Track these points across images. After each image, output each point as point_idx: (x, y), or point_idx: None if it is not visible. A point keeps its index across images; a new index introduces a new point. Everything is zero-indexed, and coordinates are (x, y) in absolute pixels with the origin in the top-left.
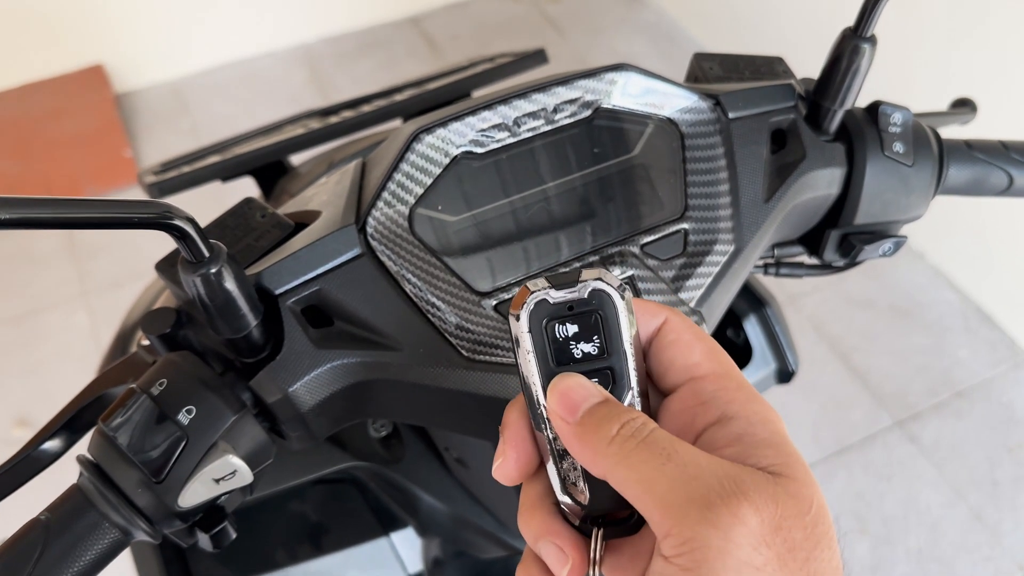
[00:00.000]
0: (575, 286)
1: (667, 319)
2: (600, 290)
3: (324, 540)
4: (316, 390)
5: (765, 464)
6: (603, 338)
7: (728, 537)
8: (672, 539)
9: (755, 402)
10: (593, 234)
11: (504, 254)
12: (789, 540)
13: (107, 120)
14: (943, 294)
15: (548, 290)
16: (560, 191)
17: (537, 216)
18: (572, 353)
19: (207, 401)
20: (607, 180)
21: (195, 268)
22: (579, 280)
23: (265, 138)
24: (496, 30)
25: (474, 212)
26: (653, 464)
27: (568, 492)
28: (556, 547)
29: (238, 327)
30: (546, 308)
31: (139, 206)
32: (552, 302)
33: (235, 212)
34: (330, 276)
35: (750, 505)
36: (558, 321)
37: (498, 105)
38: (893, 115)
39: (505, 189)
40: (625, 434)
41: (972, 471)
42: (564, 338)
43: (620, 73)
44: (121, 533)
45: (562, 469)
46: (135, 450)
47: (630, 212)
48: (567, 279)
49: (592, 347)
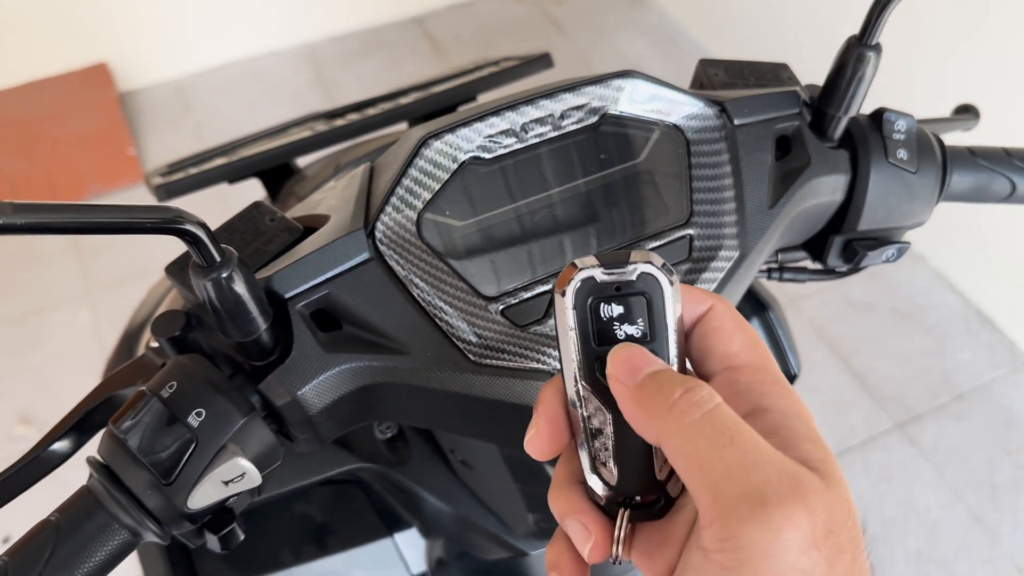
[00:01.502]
0: (624, 267)
1: (712, 306)
2: (649, 274)
3: (329, 540)
4: (324, 393)
5: (807, 459)
6: (647, 322)
7: (778, 539)
8: (715, 531)
9: (789, 397)
10: (599, 239)
11: (511, 259)
12: (837, 544)
13: (111, 119)
14: (944, 297)
15: (596, 268)
16: (566, 196)
17: (544, 221)
18: (615, 334)
19: (217, 403)
20: (613, 186)
21: (206, 272)
22: (628, 261)
23: (271, 140)
24: (499, 31)
25: (481, 217)
26: (714, 443)
27: (597, 471)
28: (581, 524)
29: (248, 331)
30: (592, 286)
31: (151, 211)
32: (599, 281)
33: (244, 216)
34: (339, 280)
35: (805, 509)
36: (604, 301)
37: (506, 111)
38: (897, 122)
39: (512, 194)
40: (688, 400)
41: (971, 473)
42: (608, 318)
43: (627, 80)
44: (130, 534)
45: (593, 448)
46: (145, 452)
47: (635, 217)
48: (616, 259)
49: (636, 329)
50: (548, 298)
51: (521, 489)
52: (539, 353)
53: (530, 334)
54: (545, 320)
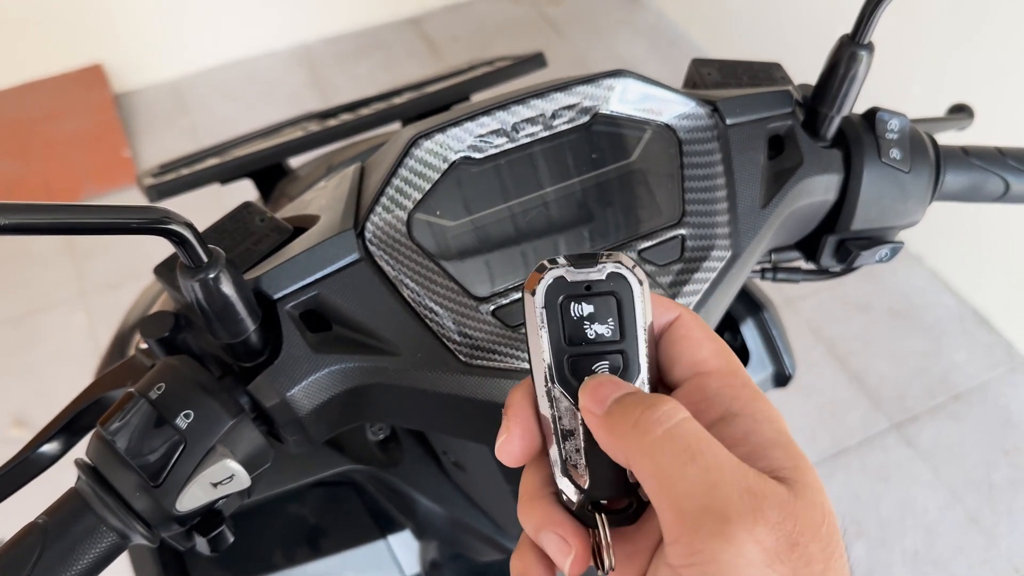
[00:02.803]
0: (594, 266)
1: (680, 315)
2: (619, 273)
3: (322, 543)
4: (314, 394)
5: (776, 467)
6: (618, 321)
7: (741, 554)
8: (681, 547)
9: (759, 400)
10: (590, 239)
11: (502, 259)
12: (805, 555)
13: (106, 120)
14: (941, 297)
15: (567, 268)
16: (558, 196)
17: (535, 221)
18: (586, 333)
19: (205, 405)
20: (605, 186)
21: (194, 273)
22: (599, 261)
23: (264, 141)
24: (496, 31)
25: (472, 217)
26: (676, 460)
27: (568, 474)
28: (559, 537)
29: (236, 332)
30: (563, 286)
31: (138, 211)
32: (570, 280)
33: (234, 216)
34: (328, 281)
35: (766, 524)
36: (574, 300)
37: (496, 111)
38: (890, 121)
39: (503, 194)
40: (649, 418)
41: (969, 474)
42: (579, 317)
43: (618, 79)
44: (119, 536)
45: (564, 450)
46: (133, 454)
47: (627, 218)
48: (587, 259)
49: (607, 329)
50: None
51: (513, 491)
52: None
53: (521, 335)
54: None
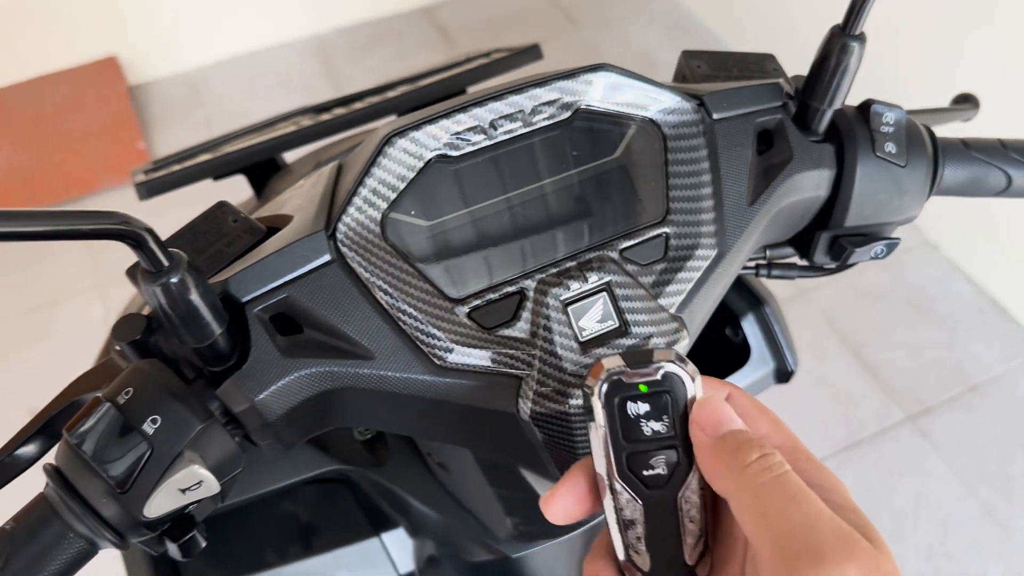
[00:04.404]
0: (648, 366)
1: (731, 394)
2: (673, 373)
3: (315, 540)
4: (284, 399)
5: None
6: (672, 418)
7: None
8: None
9: (824, 472)
10: (570, 239)
11: (479, 260)
12: None
13: (121, 112)
14: (958, 287)
15: (624, 368)
16: (537, 195)
17: (513, 221)
18: (642, 430)
19: (173, 410)
20: (586, 183)
21: (155, 278)
22: (653, 360)
23: (257, 135)
24: (509, 21)
25: (448, 217)
26: (781, 504)
27: (630, 559)
28: None
29: (202, 336)
30: (619, 386)
31: (94, 216)
32: (626, 382)
33: (207, 216)
34: (298, 283)
35: (856, 565)
36: (630, 400)
37: (473, 107)
38: (885, 114)
39: (481, 193)
40: (763, 464)
41: (984, 466)
42: (636, 416)
43: (599, 73)
44: (87, 543)
45: (625, 537)
46: (99, 460)
47: (609, 216)
48: (641, 358)
49: (662, 426)
50: (516, 300)
51: (497, 493)
52: (507, 356)
53: (498, 336)
54: (513, 322)
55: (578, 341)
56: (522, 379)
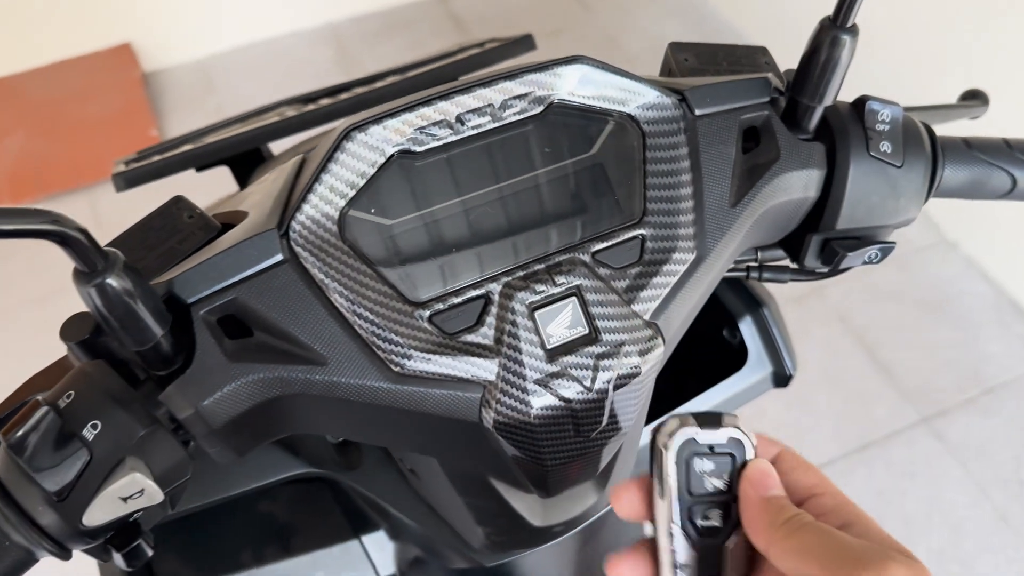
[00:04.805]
0: (718, 429)
1: (781, 451)
2: (738, 438)
3: (293, 541)
4: (230, 406)
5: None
6: (731, 477)
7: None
8: None
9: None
10: (540, 240)
11: (442, 262)
12: None
13: (134, 99)
14: (976, 286)
15: (696, 429)
16: (505, 193)
17: (480, 220)
18: (705, 485)
19: (114, 416)
20: (558, 182)
21: (88, 278)
22: (722, 424)
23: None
24: (523, 9)
25: (411, 216)
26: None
27: None
28: None
29: (142, 339)
30: (692, 445)
31: (22, 215)
32: (699, 441)
33: (162, 212)
34: (247, 284)
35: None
36: (697, 456)
37: (438, 101)
38: (881, 111)
39: (446, 191)
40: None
41: (999, 470)
42: (701, 472)
43: (575, 66)
44: (24, 553)
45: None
46: (36, 467)
47: (582, 216)
48: (711, 420)
49: (721, 483)
50: (480, 304)
51: (466, 503)
52: (468, 363)
53: (459, 343)
54: (477, 328)
55: (544, 348)
56: (485, 387)
